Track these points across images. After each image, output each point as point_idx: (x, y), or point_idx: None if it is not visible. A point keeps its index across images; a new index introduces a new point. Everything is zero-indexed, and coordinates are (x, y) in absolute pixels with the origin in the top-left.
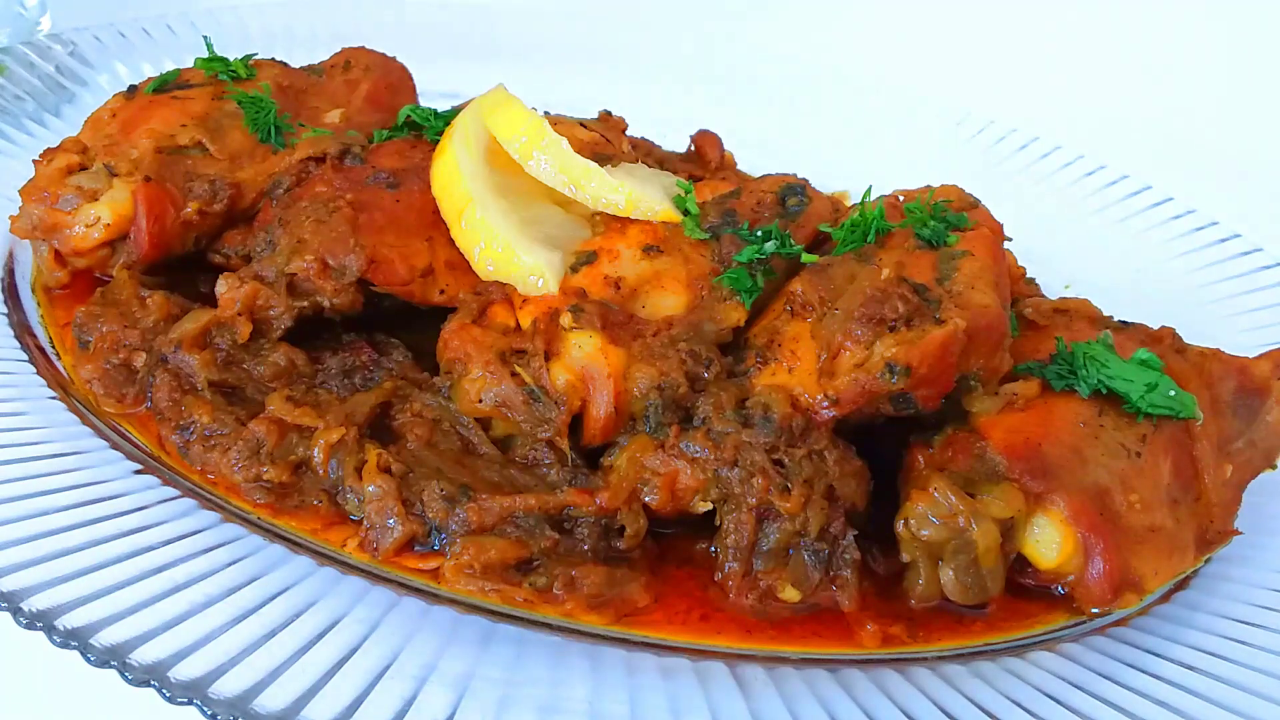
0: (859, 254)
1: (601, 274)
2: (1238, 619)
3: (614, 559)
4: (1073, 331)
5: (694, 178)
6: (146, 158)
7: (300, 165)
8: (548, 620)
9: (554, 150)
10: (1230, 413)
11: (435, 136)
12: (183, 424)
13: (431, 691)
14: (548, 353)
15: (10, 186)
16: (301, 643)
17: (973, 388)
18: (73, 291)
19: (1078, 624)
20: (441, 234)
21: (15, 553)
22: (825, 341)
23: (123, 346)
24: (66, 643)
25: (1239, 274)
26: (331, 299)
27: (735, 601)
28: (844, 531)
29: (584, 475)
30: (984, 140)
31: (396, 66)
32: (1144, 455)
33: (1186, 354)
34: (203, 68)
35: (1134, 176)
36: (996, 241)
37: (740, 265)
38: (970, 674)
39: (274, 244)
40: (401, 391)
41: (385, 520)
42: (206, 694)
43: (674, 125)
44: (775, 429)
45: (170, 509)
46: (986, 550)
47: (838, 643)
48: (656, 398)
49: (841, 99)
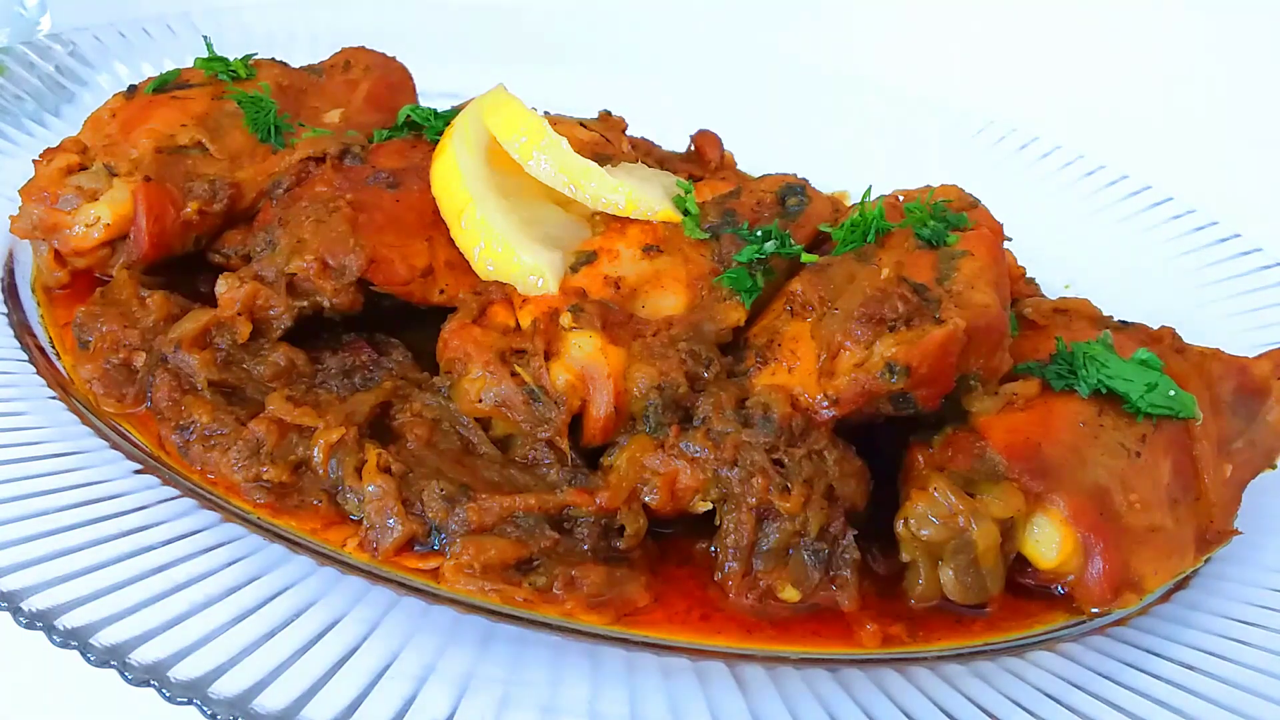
0: (859, 254)
1: (601, 274)
2: (1237, 619)
3: (614, 559)
4: (1073, 331)
5: (694, 178)
6: (146, 158)
7: (300, 165)
8: (548, 620)
9: (554, 150)
10: (1230, 412)
11: (435, 136)
12: (183, 424)
13: (431, 691)
14: (548, 353)
15: (10, 186)
16: (301, 642)
17: (973, 388)
18: (73, 291)
19: (1077, 624)
20: (441, 234)
21: (15, 553)
22: (825, 341)
23: (123, 346)
24: (66, 643)
25: (1239, 274)
26: (331, 299)
27: (735, 601)
28: (844, 531)
29: (584, 475)
30: (984, 140)
31: (396, 66)
32: (1144, 455)
33: (1186, 354)
34: (203, 68)
35: (1134, 176)
36: (996, 241)
37: (740, 265)
38: (970, 674)
39: (274, 244)
40: (401, 391)
41: (385, 520)
42: (206, 694)
43: (674, 125)
44: (775, 429)
45: (170, 509)
46: (986, 550)
47: (838, 643)
48: (656, 398)
49: (842, 99)
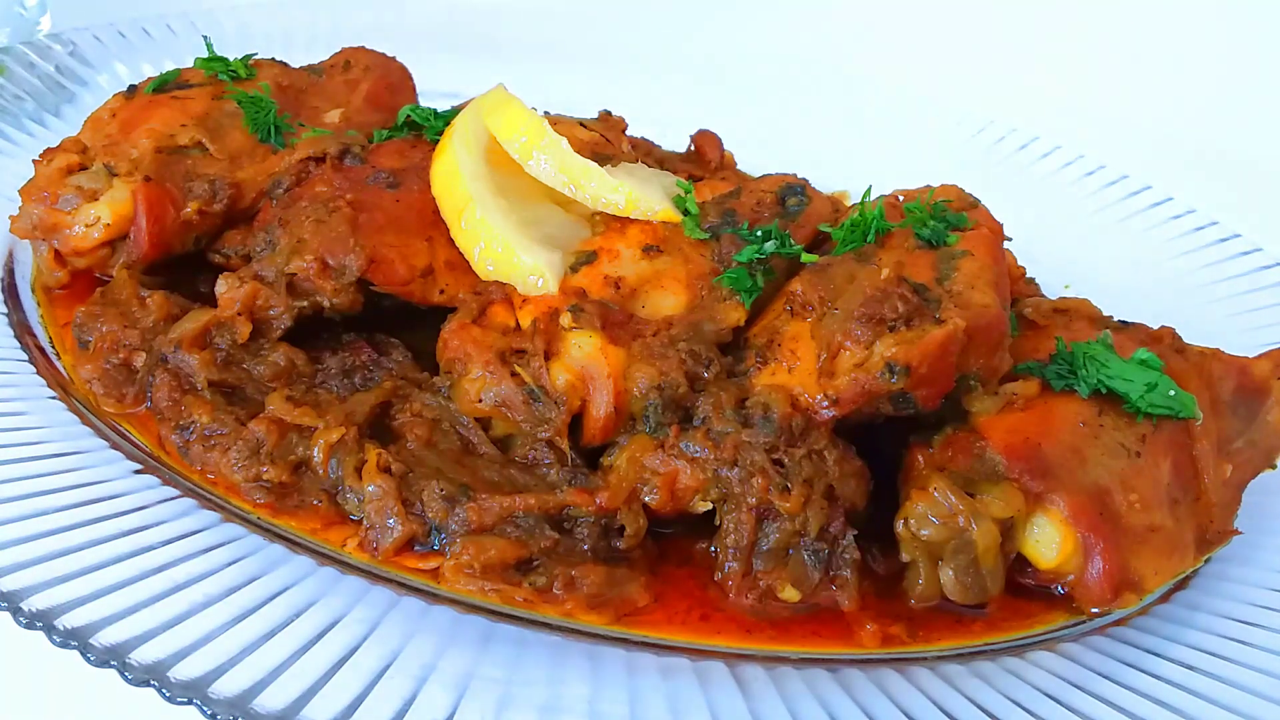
0: (859, 254)
1: (601, 274)
2: (1238, 619)
3: (614, 559)
4: (1072, 331)
5: (694, 178)
6: (146, 158)
7: (300, 165)
8: (548, 620)
9: (554, 150)
10: (1230, 412)
11: (435, 136)
12: (183, 424)
13: (431, 691)
14: (547, 353)
15: (10, 186)
16: (301, 642)
17: (973, 388)
18: (73, 291)
19: (1077, 624)
20: (441, 234)
21: (15, 553)
22: (825, 341)
23: (123, 346)
24: (66, 643)
25: (1239, 274)
26: (331, 299)
27: (735, 601)
28: (844, 531)
29: (584, 475)
30: (984, 140)
31: (396, 66)
32: (1144, 455)
33: (1186, 354)
34: (203, 68)
35: (1134, 176)
36: (996, 241)
37: (740, 265)
38: (970, 674)
39: (274, 244)
40: (401, 391)
41: (385, 520)
42: (206, 694)
43: (674, 125)
44: (775, 429)
45: (170, 509)
46: (986, 550)
47: (838, 643)
48: (656, 398)
49: (842, 99)
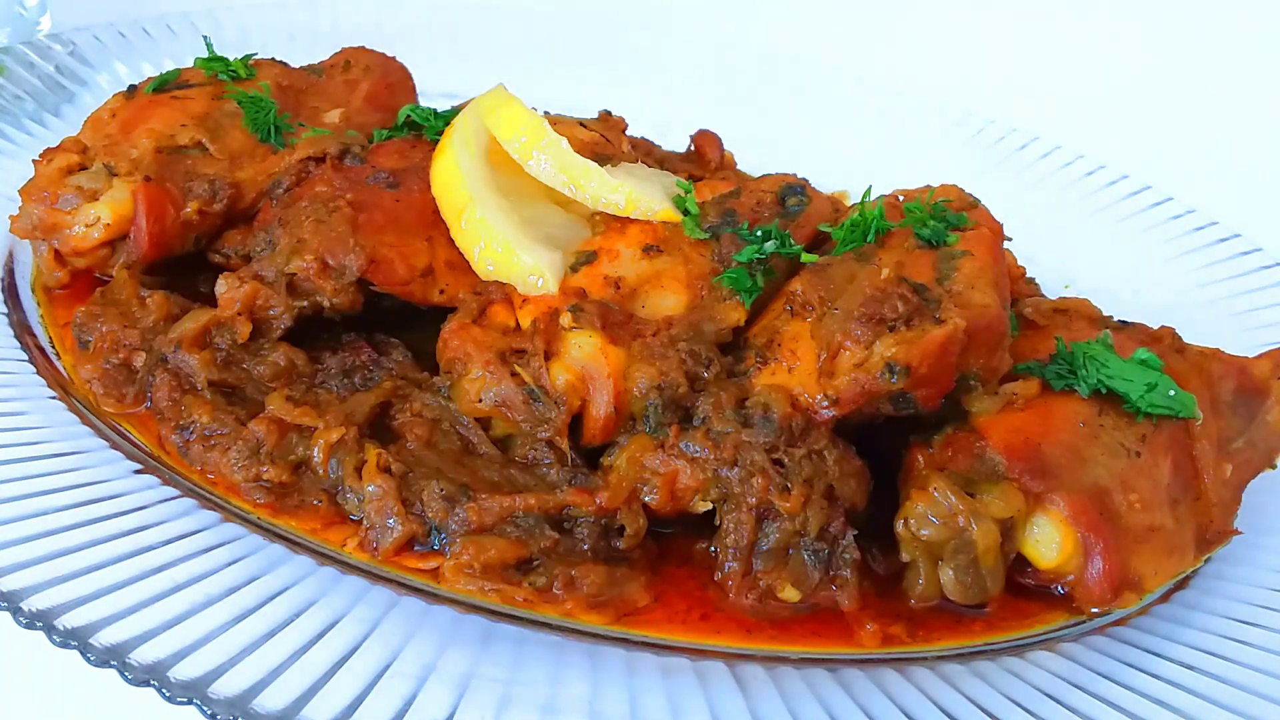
0: (859, 254)
1: (601, 274)
2: (1237, 619)
3: (614, 559)
4: (1072, 331)
5: (694, 178)
6: (146, 157)
7: (300, 165)
8: (548, 620)
9: (554, 150)
10: (1230, 412)
11: (435, 136)
12: (183, 424)
13: (431, 691)
14: (547, 353)
15: (10, 186)
16: (301, 642)
17: (973, 387)
18: (73, 291)
19: (1077, 624)
20: (441, 234)
21: (15, 553)
22: (825, 341)
23: (123, 346)
24: (66, 643)
25: (1239, 274)
26: (331, 299)
27: (735, 601)
28: (844, 531)
29: (584, 475)
30: (984, 140)
31: (396, 66)
32: (1144, 455)
33: (1186, 354)
34: (203, 68)
35: (1134, 176)
36: (996, 241)
37: (740, 265)
38: (970, 674)
39: (274, 244)
40: (401, 391)
41: (385, 520)
42: (206, 694)
43: (674, 125)
44: (775, 429)
45: (170, 509)
46: (986, 550)
47: (838, 642)
48: (656, 397)
49: (842, 99)
